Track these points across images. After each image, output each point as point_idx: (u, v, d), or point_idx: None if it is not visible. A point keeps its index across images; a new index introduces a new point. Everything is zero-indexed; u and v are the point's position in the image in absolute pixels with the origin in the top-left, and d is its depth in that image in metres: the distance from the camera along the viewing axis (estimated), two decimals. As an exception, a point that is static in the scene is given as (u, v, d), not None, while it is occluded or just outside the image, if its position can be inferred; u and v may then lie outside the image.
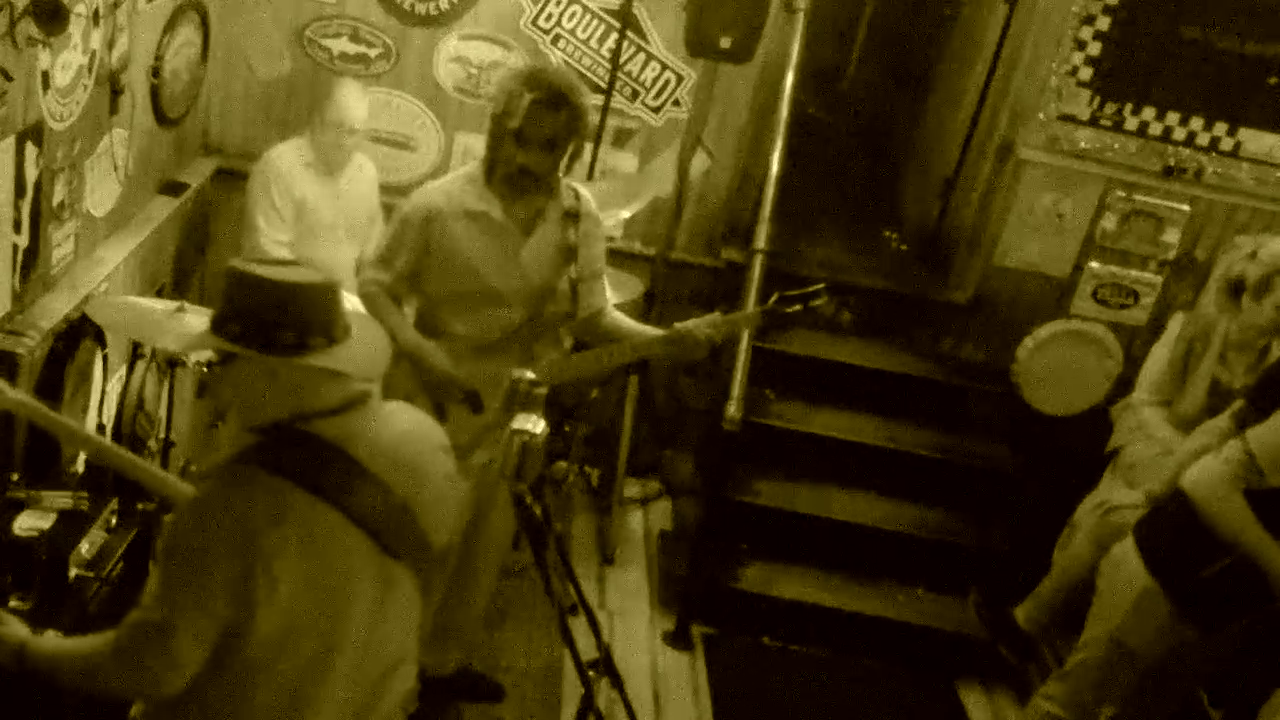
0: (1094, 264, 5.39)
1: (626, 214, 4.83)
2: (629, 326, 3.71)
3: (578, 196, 3.58)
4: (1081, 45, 5.12)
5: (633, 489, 5.43)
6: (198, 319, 3.74)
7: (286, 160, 4.62)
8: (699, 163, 5.25)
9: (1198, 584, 3.42)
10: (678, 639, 4.66)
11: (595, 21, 5.07)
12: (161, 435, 4.13)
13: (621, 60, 5.08)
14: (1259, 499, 3.33)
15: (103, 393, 4.18)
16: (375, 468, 2.19)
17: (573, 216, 3.54)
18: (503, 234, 3.45)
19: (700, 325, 3.47)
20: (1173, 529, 3.54)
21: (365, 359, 2.22)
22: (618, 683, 3.52)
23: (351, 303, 2.73)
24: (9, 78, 3.20)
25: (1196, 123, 5.24)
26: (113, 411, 4.32)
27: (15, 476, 3.32)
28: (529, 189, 3.44)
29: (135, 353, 4.37)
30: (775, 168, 4.95)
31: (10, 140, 3.34)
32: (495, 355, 3.47)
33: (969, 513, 5.15)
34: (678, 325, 3.51)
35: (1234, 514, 3.34)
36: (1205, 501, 3.37)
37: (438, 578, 2.45)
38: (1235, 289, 4.21)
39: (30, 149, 3.46)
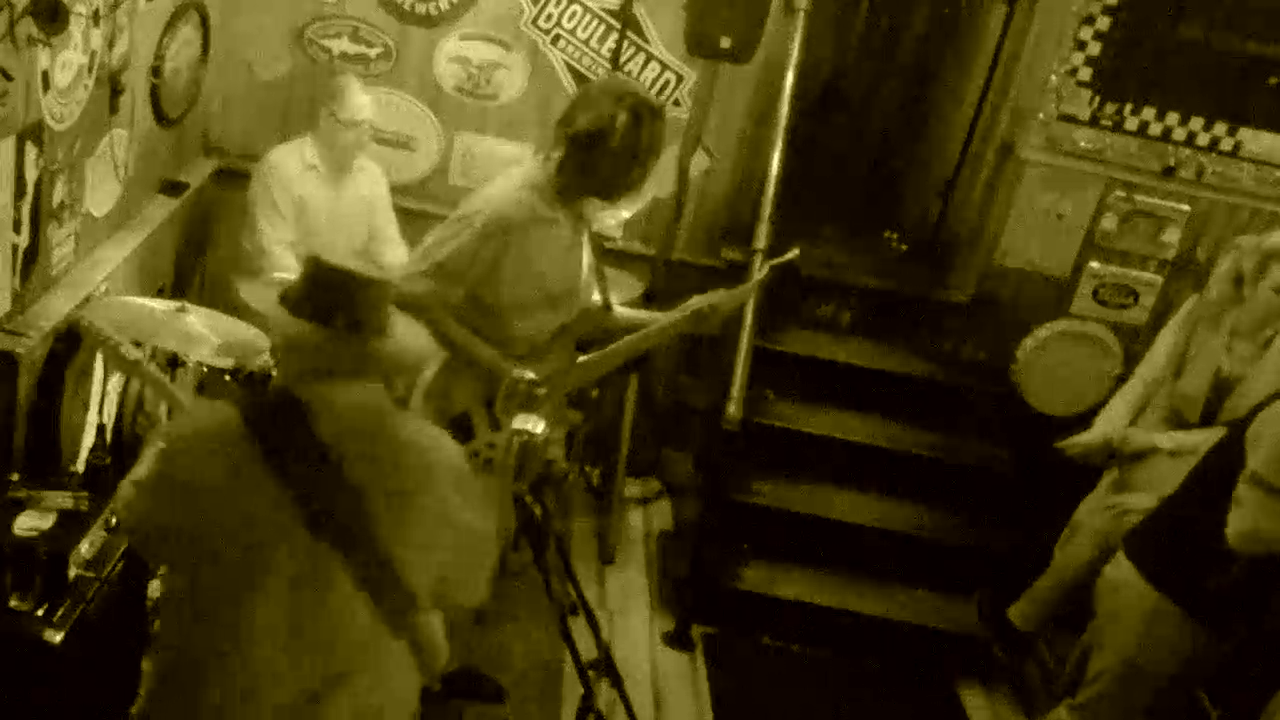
0: (1094, 264, 5.39)
1: (626, 214, 4.83)
2: (637, 316, 3.78)
3: None
4: (1081, 45, 5.12)
5: (633, 489, 5.42)
6: (198, 319, 3.74)
7: (287, 161, 4.64)
8: (699, 163, 5.25)
9: (1208, 594, 3.40)
10: (678, 639, 4.66)
11: (595, 21, 5.07)
12: (161, 435, 4.12)
13: (621, 60, 5.07)
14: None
15: (103, 393, 4.18)
16: (327, 435, 2.22)
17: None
18: (565, 239, 3.49)
19: (713, 298, 3.66)
20: (1170, 540, 3.54)
21: (349, 355, 2.27)
22: (618, 683, 3.52)
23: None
24: (9, 78, 3.20)
25: (1196, 123, 5.24)
26: (113, 411, 4.31)
27: (15, 476, 3.32)
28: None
29: (135, 353, 4.36)
30: (775, 168, 4.94)
31: (10, 140, 3.34)
32: (544, 357, 3.53)
33: (969, 513, 5.14)
34: (692, 302, 3.66)
35: None
36: None
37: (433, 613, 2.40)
38: (1239, 280, 4.23)
39: (30, 149, 3.46)
